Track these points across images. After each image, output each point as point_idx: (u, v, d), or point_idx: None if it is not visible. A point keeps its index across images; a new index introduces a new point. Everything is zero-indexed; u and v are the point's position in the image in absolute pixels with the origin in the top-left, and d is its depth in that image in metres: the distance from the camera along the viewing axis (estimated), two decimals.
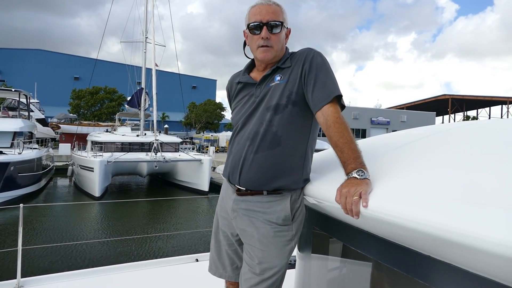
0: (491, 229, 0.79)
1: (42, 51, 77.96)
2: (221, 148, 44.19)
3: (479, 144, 1.36)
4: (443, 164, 1.22)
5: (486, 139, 1.40)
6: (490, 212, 0.84)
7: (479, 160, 1.17)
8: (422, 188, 1.09)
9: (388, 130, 49.52)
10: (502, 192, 0.90)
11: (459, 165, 1.16)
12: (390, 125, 50.80)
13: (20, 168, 15.67)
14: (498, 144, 1.29)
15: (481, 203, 0.89)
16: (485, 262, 0.85)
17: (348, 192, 1.23)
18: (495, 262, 0.81)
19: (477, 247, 0.81)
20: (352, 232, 1.40)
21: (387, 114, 52.59)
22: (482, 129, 1.65)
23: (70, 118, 45.07)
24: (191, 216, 14.40)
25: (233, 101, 1.85)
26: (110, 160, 17.56)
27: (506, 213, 0.81)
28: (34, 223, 11.74)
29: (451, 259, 0.97)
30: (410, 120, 51.98)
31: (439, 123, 5.24)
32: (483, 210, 0.85)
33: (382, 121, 50.68)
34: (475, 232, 0.81)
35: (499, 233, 0.77)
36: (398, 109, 64.43)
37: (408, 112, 56.27)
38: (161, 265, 3.59)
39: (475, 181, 1.01)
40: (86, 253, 8.91)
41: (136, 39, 26.39)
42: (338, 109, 1.52)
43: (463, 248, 0.85)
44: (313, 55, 1.61)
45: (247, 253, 1.65)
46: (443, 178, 1.10)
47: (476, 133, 1.59)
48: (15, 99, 23.26)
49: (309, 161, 1.66)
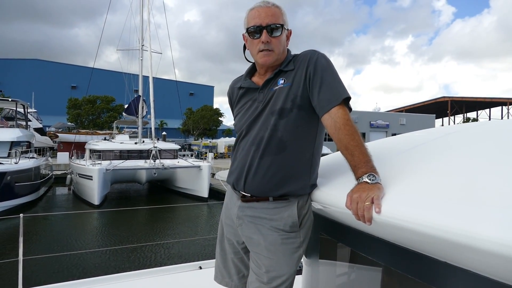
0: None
1: (39, 61, 77.93)
2: (220, 154, 44.16)
3: (493, 144, 1.32)
4: (456, 166, 1.19)
5: (499, 140, 1.37)
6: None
7: (495, 161, 1.13)
8: (437, 191, 1.05)
9: (387, 133, 49.61)
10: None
11: (473, 167, 1.13)
12: (390, 128, 50.83)
13: (17, 177, 15.59)
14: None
15: (503, 206, 0.85)
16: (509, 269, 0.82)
17: (360, 197, 1.19)
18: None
19: (500, 253, 0.77)
20: (362, 238, 1.37)
21: (386, 117, 52.62)
22: (493, 129, 1.63)
23: (68, 127, 45.00)
24: (192, 223, 14.32)
25: (235, 107, 1.80)
26: (109, 168, 17.50)
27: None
28: (34, 233, 11.65)
29: (470, 265, 0.94)
30: (410, 122, 51.99)
31: (444, 126, 5.19)
32: (506, 214, 0.82)
33: (381, 124, 50.69)
34: (498, 238, 0.78)
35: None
36: (397, 112, 64.49)
37: (407, 115, 56.35)
38: (164, 273, 3.54)
39: (494, 184, 0.98)
40: (87, 262, 8.83)
41: (132, 47, 26.40)
42: (347, 111, 1.47)
43: (485, 254, 0.81)
44: (317, 57, 1.57)
45: (254, 261, 1.60)
46: (458, 180, 1.07)
47: (487, 134, 1.56)
48: (13, 109, 23.25)
49: (316, 166, 1.62)
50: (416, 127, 47.38)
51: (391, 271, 1.33)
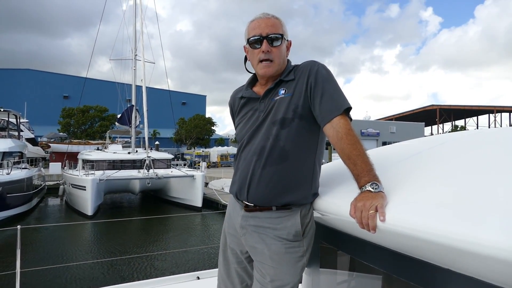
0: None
1: (31, 71, 77.52)
2: (213, 163, 44.04)
3: (490, 152, 1.35)
4: (454, 174, 1.22)
5: (494, 147, 1.40)
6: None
7: (493, 168, 1.16)
8: (439, 199, 1.08)
9: (378, 142, 49.85)
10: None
11: (472, 175, 1.16)
12: (380, 136, 51.10)
13: (8, 188, 15.44)
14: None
15: (504, 212, 0.88)
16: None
17: (364, 206, 1.21)
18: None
19: (503, 259, 0.80)
20: (364, 247, 1.38)
21: (377, 125, 52.88)
22: (486, 138, 1.66)
23: (60, 137, 44.67)
24: (187, 233, 14.24)
25: (237, 117, 1.82)
26: (102, 178, 17.38)
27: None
28: (28, 244, 11.49)
29: (473, 272, 0.96)
30: (400, 131, 52.39)
31: (434, 134, 5.23)
32: (507, 220, 0.85)
33: (372, 133, 50.91)
34: (501, 243, 0.80)
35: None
36: (387, 120, 65.00)
37: (397, 123, 56.70)
38: (161, 284, 3.51)
39: (495, 190, 1.00)
40: (83, 274, 8.73)
41: (125, 56, 26.40)
42: (348, 121, 1.50)
43: (488, 260, 0.84)
44: (318, 68, 1.59)
45: (258, 270, 1.61)
46: (460, 187, 1.09)
47: (481, 142, 1.60)
48: (5, 119, 23.06)
49: (317, 175, 1.64)
50: (406, 135, 47.81)
51: (391, 279, 1.35)
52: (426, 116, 67.74)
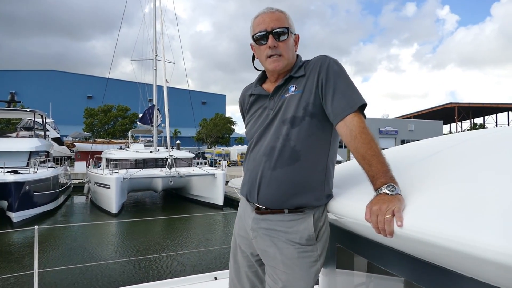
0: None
1: (56, 72, 79.53)
2: (233, 162, 44.21)
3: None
4: (477, 175, 1.13)
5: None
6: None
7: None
8: (461, 203, 0.99)
9: (396, 140, 49.39)
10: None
11: (496, 177, 1.07)
12: (398, 135, 50.61)
13: (35, 187, 15.81)
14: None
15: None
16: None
17: (380, 209, 1.13)
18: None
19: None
20: (381, 251, 1.31)
21: (395, 123, 52.43)
22: (508, 136, 1.57)
23: (84, 136, 45.67)
24: (208, 231, 14.31)
25: (247, 115, 1.76)
26: (126, 176, 17.63)
27: None
28: (51, 243, 11.76)
29: (500, 283, 0.89)
30: (418, 129, 51.83)
31: (452, 133, 5.06)
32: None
33: (390, 131, 50.40)
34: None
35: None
36: (405, 118, 64.01)
37: (415, 121, 56.06)
38: (179, 284, 3.52)
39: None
40: (103, 273, 8.82)
41: (146, 57, 26.75)
42: (363, 119, 1.42)
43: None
44: (329, 63, 1.51)
45: (270, 275, 1.55)
46: (483, 190, 1.01)
47: (504, 140, 1.50)
48: (31, 119, 23.68)
49: (331, 176, 1.56)
50: (425, 133, 47.10)
51: (412, 284, 1.28)
52: (444, 114, 66.39)
